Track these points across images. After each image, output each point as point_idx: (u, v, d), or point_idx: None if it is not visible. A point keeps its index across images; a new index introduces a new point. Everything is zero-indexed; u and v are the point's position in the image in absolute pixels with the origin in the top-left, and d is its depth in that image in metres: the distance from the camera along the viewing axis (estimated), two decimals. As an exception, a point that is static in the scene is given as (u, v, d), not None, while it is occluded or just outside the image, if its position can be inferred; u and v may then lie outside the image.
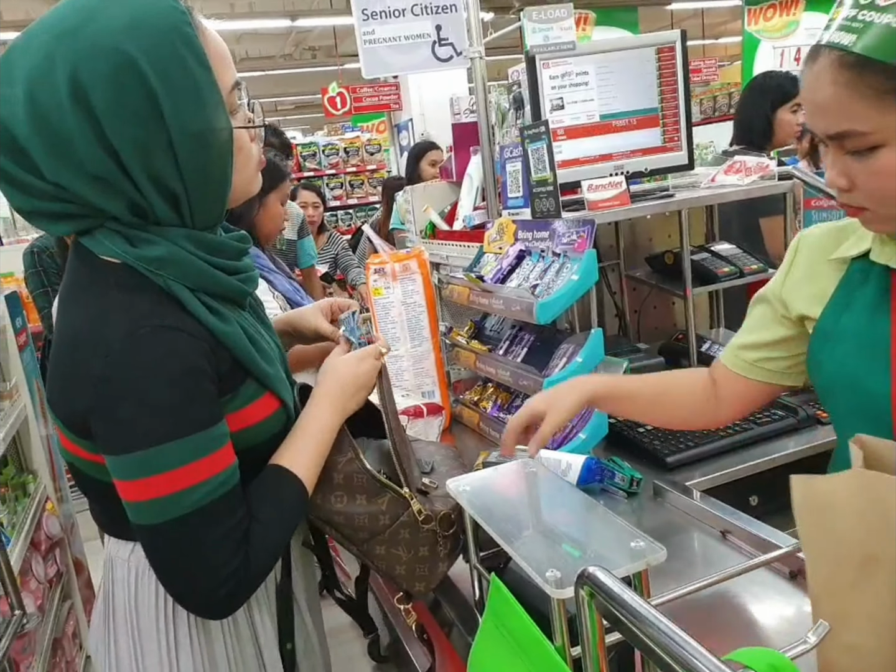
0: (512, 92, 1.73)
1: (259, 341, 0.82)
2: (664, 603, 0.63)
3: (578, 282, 1.27)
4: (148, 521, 0.71)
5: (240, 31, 9.16)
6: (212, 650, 0.83)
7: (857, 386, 0.75)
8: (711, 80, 8.52)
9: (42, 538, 1.98)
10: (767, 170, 1.52)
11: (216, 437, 0.72)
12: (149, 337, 0.69)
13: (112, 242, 0.73)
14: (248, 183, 0.81)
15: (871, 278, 0.75)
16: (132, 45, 0.65)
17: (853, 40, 0.62)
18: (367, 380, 0.91)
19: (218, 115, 0.72)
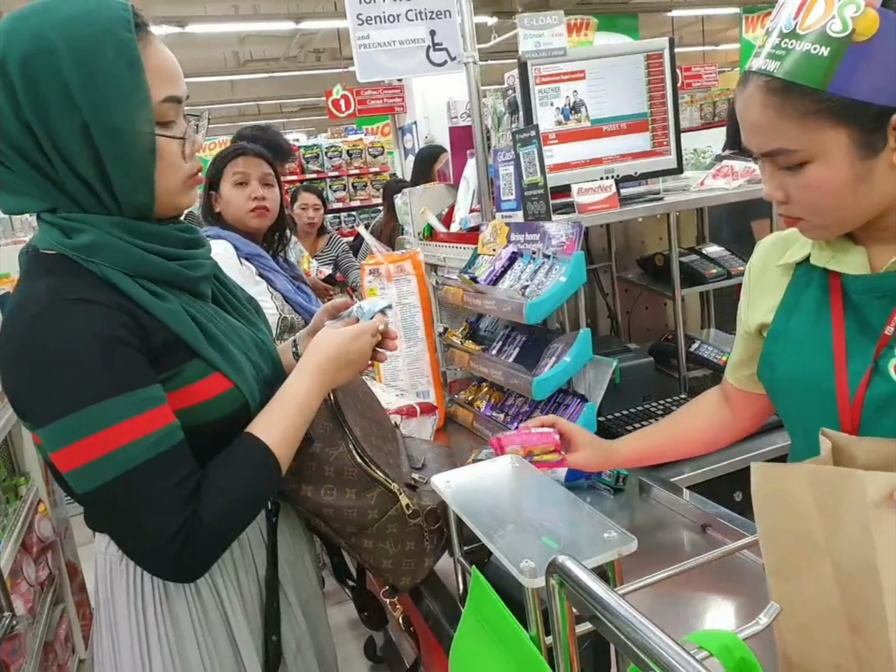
0: (507, 96, 1.75)
1: (207, 325, 0.83)
2: (634, 591, 0.65)
3: (567, 283, 1.30)
4: (86, 487, 0.72)
5: (244, 33, 9.22)
6: (182, 645, 0.84)
7: (806, 383, 0.78)
8: (712, 86, 8.55)
9: (34, 541, 1.98)
10: (754, 174, 1.55)
11: (142, 399, 0.73)
12: (57, 310, 0.72)
13: (49, 235, 0.77)
14: (172, 194, 0.82)
15: (814, 280, 0.79)
16: (59, 36, 0.72)
17: (777, 66, 0.66)
18: (357, 356, 0.91)
19: (139, 117, 0.75)
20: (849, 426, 0.73)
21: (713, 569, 0.87)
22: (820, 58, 0.63)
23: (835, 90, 0.63)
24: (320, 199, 3.59)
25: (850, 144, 0.65)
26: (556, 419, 1.06)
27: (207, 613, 0.85)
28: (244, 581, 0.88)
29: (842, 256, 0.75)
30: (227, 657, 0.86)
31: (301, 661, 0.94)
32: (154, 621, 0.83)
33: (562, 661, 0.62)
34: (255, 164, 1.72)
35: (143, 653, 0.83)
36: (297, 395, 0.86)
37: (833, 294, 0.76)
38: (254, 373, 0.88)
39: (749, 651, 0.50)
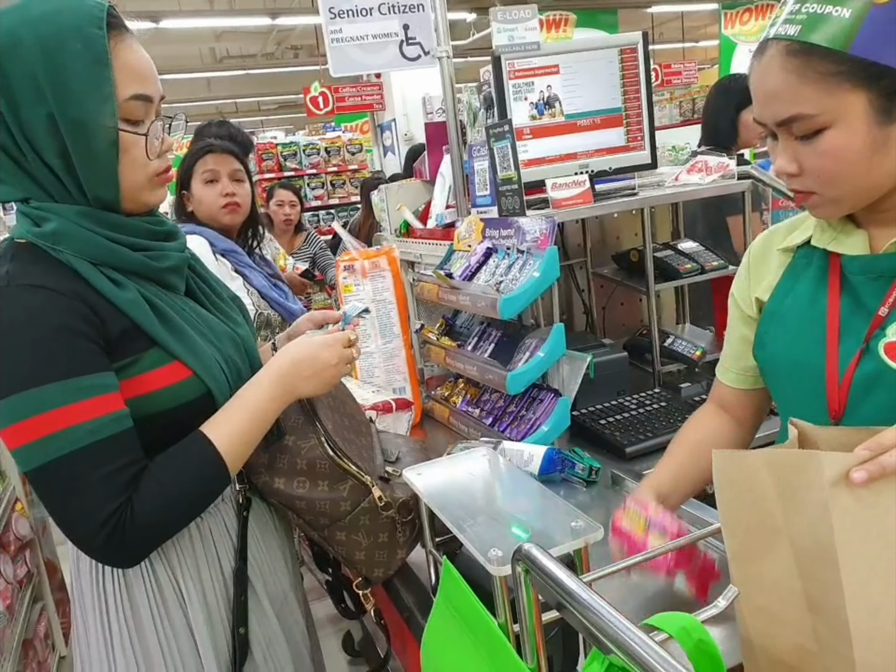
0: (482, 91, 1.76)
1: (168, 314, 0.84)
2: (599, 578, 0.66)
3: (540, 278, 1.30)
4: (26, 467, 0.75)
5: (220, 30, 9.12)
6: (142, 633, 0.85)
7: (797, 363, 0.79)
8: (691, 83, 8.63)
9: (11, 539, 1.96)
10: (727, 169, 1.57)
11: (82, 387, 0.75)
12: (9, 294, 0.75)
13: (22, 225, 0.80)
14: (137, 190, 0.83)
15: (814, 262, 0.80)
16: (29, 31, 0.75)
17: (798, 30, 0.66)
18: (323, 367, 0.90)
19: (103, 111, 0.77)
20: (835, 405, 0.74)
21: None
22: (842, 19, 0.64)
23: (856, 52, 0.64)
24: (297, 196, 3.57)
25: (868, 109, 0.66)
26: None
27: (166, 602, 0.86)
28: (205, 573, 0.88)
29: (843, 238, 0.75)
30: (187, 647, 0.87)
31: (272, 657, 0.94)
32: (115, 607, 0.85)
33: (528, 647, 0.63)
34: (225, 160, 1.72)
35: (106, 639, 0.85)
36: (255, 401, 0.86)
37: (831, 275, 0.76)
38: (222, 364, 0.88)
39: (707, 632, 0.51)
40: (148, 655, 0.85)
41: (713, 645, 0.51)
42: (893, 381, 0.69)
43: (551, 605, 0.58)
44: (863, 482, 0.52)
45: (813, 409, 0.76)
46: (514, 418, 1.42)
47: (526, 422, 1.39)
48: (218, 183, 1.71)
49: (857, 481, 0.52)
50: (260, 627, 0.93)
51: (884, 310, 0.71)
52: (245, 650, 0.90)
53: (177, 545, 0.86)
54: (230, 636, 0.89)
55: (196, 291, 0.94)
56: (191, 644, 0.87)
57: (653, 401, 1.48)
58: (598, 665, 0.53)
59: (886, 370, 0.70)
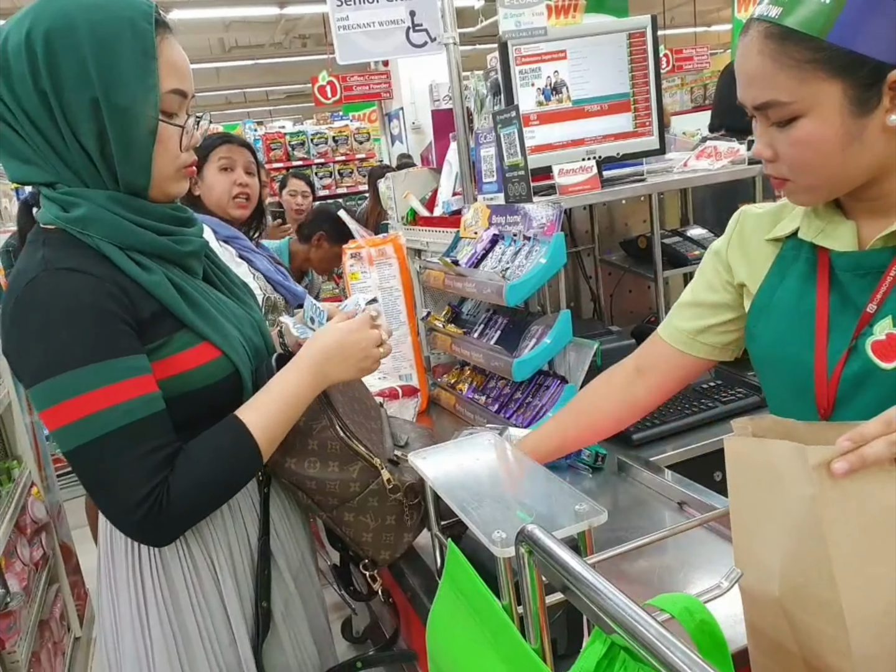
0: (489, 78, 1.74)
1: (194, 296, 0.87)
2: (603, 560, 0.66)
3: (546, 265, 1.30)
4: (66, 447, 0.77)
5: (228, 19, 9.09)
6: (178, 607, 0.87)
7: (786, 356, 0.78)
8: (703, 68, 8.50)
9: (27, 522, 2.01)
10: (738, 154, 1.55)
11: (122, 368, 0.77)
12: (47, 278, 0.77)
13: (49, 210, 0.82)
14: (166, 180, 0.86)
15: (802, 255, 0.78)
16: (83, 17, 0.78)
17: (779, 13, 0.65)
18: (354, 350, 0.92)
19: (146, 100, 0.80)
20: (824, 402, 0.74)
21: (686, 541, 0.88)
22: (821, 5, 0.62)
23: (833, 39, 0.62)
24: (309, 186, 3.59)
25: (843, 99, 0.64)
26: None
27: (201, 577, 0.88)
28: (235, 548, 0.91)
29: (831, 230, 0.73)
30: (220, 620, 0.90)
31: (290, 621, 0.97)
32: (151, 585, 0.87)
33: (531, 627, 0.63)
34: (241, 152, 1.75)
35: (141, 616, 0.87)
36: (288, 386, 0.88)
37: (820, 269, 0.75)
38: (244, 344, 0.92)
39: (709, 613, 0.51)
40: (185, 630, 0.88)
41: (716, 625, 0.51)
42: (881, 379, 0.69)
43: (554, 586, 0.58)
44: (844, 473, 0.52)
45: (802, 406, 0.76)
46: (521, 405, 1.43)
47: (532, 408, 1.39)
48: (233, 172, 1.72)
49: (839, 472, 0.52)
50: (282, 600, 0.96)
51: (871, 307, 0.69)
52: (267, 623, 0.92)
53: (209, 521, 0.89)
54: (252, 610, 0.92)
55: (212, 276, 0.97)
56: (224, 616, 0.90)
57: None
58: (600, 645, 0.53)
59: (874, 368, 0.69)
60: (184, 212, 0.91)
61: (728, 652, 0.51)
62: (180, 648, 0.88)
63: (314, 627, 1.02)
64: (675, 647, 0.45)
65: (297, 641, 0.98)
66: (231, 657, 0.90)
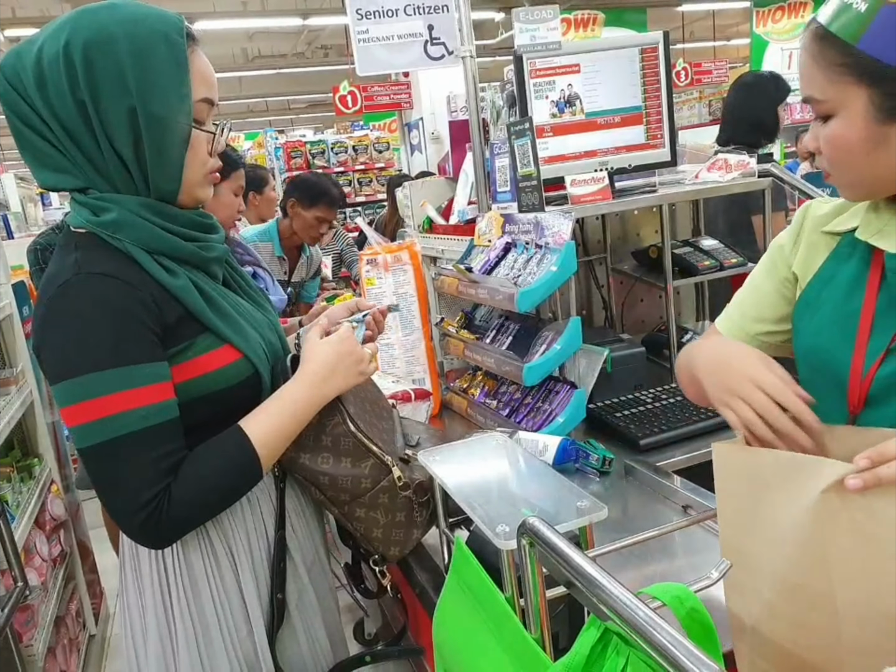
0: (505, 90, 1.79)
1: (217, 300, 0.90)
2: (603, 554, 0.69)
3: (558, 272, 1.33)
4: (81, 444, 0.80)
5: (252, 30, 9.26)
6: (199, 600, 0.90)
7: (824, 355, 0.78)
8: (722, 82, 8.50)
9: (47, 518, 2.06)
10: (748, 167, 1.57)
11: (139, 375, 0.80)
12: (80, 281, 0.80)
13: (79, 214, 0.85)
14: (195, 186, 0.90)
15: (856, 254, 0.78)
16: (121, 29, 0.81)
17: (828, 17, 0.69)
18: (349, 357, 0.94)
19: (180, 109, 0.84)
20: (855, 400, 0.74)
21: (690, 543, 0.90)
22: (857, 12, 0.66)
23: (863, 46, 0.65)
24: None
25: (868, 105, 0.67)
26: None
27: (221, 568, 0.91)
28: (253, 540, 0.94)
29: (889, 231, 0.74)
30: (238, 611, 0.93)
31: (303, 613, 1.00)
32: (174, 576, 0.90)
33: (532, 617, 0.66)
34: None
35: (166, 605, 0.90)
36: (292, 398, 0.91)
37: (872, 269, 0.75)
38: (264, 347, 0.95)
39: (699, 601, 0.53)
40: (205, 621, 0.91)
41: (705, 613, 0.53)
42: None
43: (554, 576, 0.61)
44: (857, 489, 0.53)
45: (833, 401, 0.76)
46: (531, 410, 1.45)
47: (542, 413, 1.42)
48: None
49: (852, 488, 0.54)
50: (296, 592, 0.98)
51: None
52: (282, 614, 0.95)
53: (229, 513, 0.92)
54: (268, 601, 0.94)
55: (230, 281, 1.00)
56: (242, 608, 0.93)
57: (669, 395, 1.50)
58: (594, 631, 0.56)
59: None
60: (209, 218, 0.95)
61: (717, 638, 0.53)
62: (199, 638, 0.91)
63: (327, 620, 1.05)
64: (665, 630, 0.47)
65: (311, 634, 1.01)
66: (248, 648, 0.93)
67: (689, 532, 1.00)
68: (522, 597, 0.68)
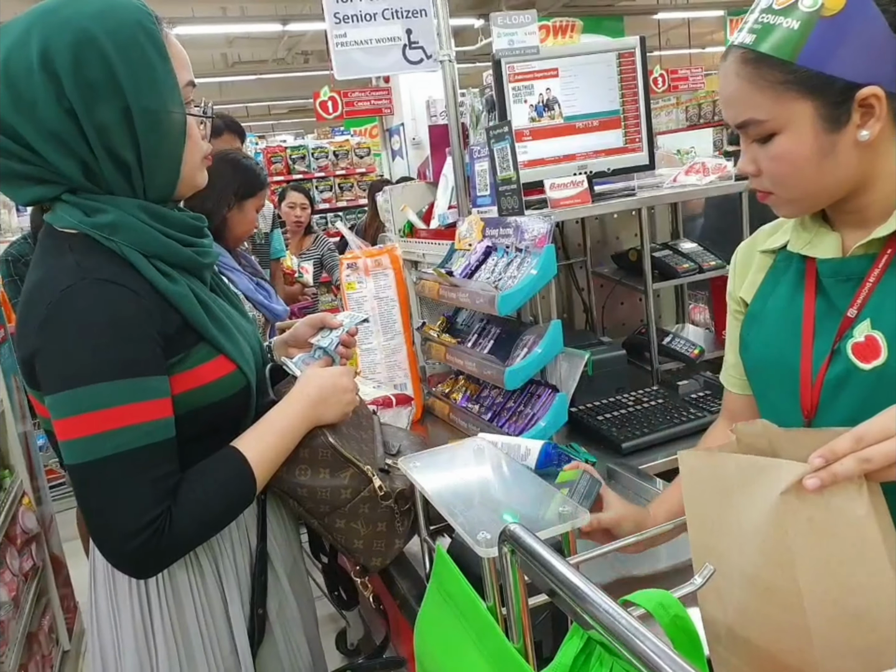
0: (485, 94, 1.78)
1: (213, 309, 0.87)
2: (586, 560, 0.68)
3: (538, 275, 1.32)
4: (74, 460, 0.75)
5: (232, 35, 9.23)
6: (182, 616, 0.87)
7: (774, 363, 0.81)
8: (698, 88, 8.64)
9: (17, 532, 1.99)
10: (725, 170, 1.58)
11: (146, 388, 0.76)
12: (87, 287, 0.76)
13: (69, 215, 0.80)
14: (194, 172, 0.87)
15: (792, 265, 0.82)
16: (97, 26, 0.76)
17: (753, 39, 0.69)
18: (344, 394, 0.95)
19: (172, 99, 0.81)
20: (808, 405, 0.76)
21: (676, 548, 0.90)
22: (791, 31, 0.67)
23: (803, 62, 0.66)
24: (307, 199, 3.62)
25: (815, 117, 0.68)
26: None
27: (206, 583, 0.88)
28: (238, 554, 0.91)
29: (817, 241, 0.77)
30: (222, 626, 0.89)
31: (284, 622, 0.97)
32: (156, 593, 0.86)
33: (514, 626, 0.65)
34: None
35: (145, 626, 0.86)
36: (284, 419, 0.90)
37: (808, 277, 0.78)
38: (252, 356, 0.93)
39: (683, 608, 0.52)
40: (188, 638, 0.87)
41: (689, 620, 0.53)
42: (861, 380, 0.71)
43: (536, 584, 0.60)
44: (815, 489, 0.54)
45: (788, 409, 0.78)
46: (513, 414, 1.44)
47: (524, 417, 1.41)
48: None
49: (811, 488, 0.54)
50: (278, 603, 0.96)
51: (852, 311, 0.72)
52: (263, 629, 0.92)
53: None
54: (249, 616, 0.91)
55: (216, 288, 0.97)
56: (226, 625, 0.89)
57: (650, 398, 1.50)
58: (577, 640, 0.54)
59: (855, 370, 0.71)
60: (201, 220, 0.91)
61: (701, 645, 0.52)
62: (182, 658, 0.87)
63: (307, 631, 1.03)
64: (648, 639, 0.46)
65: (292, 645, 0.98)
66: (231, 664, 0.90)
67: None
68: (504, 605, 0.67)
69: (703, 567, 0.54)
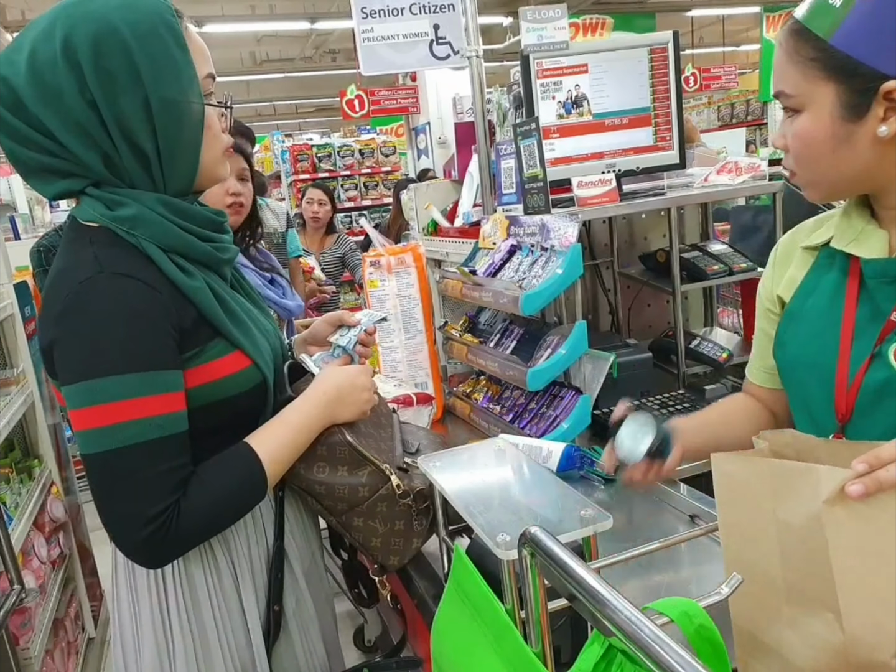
0: (512, 91, 1.77)
1: (230, 304, 0.87)
2: (608, 566, 0.66)
3: (563, 275, 1.31)
4: (87, 450, 0.76)
5: (260, 33, 9.32)
6: (199, 610, 0.87)
7: (810, 363, 0.78)
8: (731, 87, 8.48)
9: (46, 520, 2.04)
10: (758, 170, 1.55)
11: (160, 382, 0.77)
12: (104, 280, 0.77)
13: (92, 208, 0.81)
14: (214, 164, 0.87)
15: (835, 263, 0.79)
16: (118, 17, 0.77)
17: (804, 11, 0.69)
18: (361, 392, 0.95)
19: (192, 91, 0.81)
20: (843, 409, 0.73)
21: (697, 554, 0.87)
22: (832, 8, 0.66)
23: (835, 42, 0.66)
24: (327, 196, 3.58)
25: (835, 101, 0.67)
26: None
27: (222, 578, 0.88)
28: (254, 550, 0.92)
29: (863, 239, 0.74)
30: (238, 621, 0.90)
31: (300, 621, 0.97)
32: (173, 586, 0.87)
33: (533, 630, 0.63)
34: (234, 159, 1.69)
35: (163, 617, 0.87)
36: (300, 417, 0.90)
37: (851, 278, 0.76)
38: (271, 353, 0.93)
39: (708, 618, 0.51)
40: (203, 630, 0.88)
41: (714, 630, 0.51)
42: None
43: (556, 588, 0.58)
44: (859, 496, 0.52)
45: (821, 411, 0.76)
46: (535, 415, 1.43)
47: (546, 419, 1.39)
48: (225, 181, 1.72)
49: (854, 495, 0.52)
50: (295, 601, 0.96)
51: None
52: (279, 625, 0.92)
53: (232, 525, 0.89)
54: (265, 612, 0.92)
55: (236, 284, 0.97)
56: (241, 617, 0.90)
57: (676, 402, 1.47)
58: (598, 647, 0.53)
59: (895, 376, 0.69)
60: (222, 216, 0.92)
61: (727, 657, 0.50)
62: (198, 649, 0.88)
63: (324, 630, 1.02)
64: (672, 649, 0.44)
65: (307, 643, 0.98)
66: (246, 659, 0.90)
67: (697, 542, 0.97)
68: (523, 608, 0.66)
69: (731, 576, 0.52)
